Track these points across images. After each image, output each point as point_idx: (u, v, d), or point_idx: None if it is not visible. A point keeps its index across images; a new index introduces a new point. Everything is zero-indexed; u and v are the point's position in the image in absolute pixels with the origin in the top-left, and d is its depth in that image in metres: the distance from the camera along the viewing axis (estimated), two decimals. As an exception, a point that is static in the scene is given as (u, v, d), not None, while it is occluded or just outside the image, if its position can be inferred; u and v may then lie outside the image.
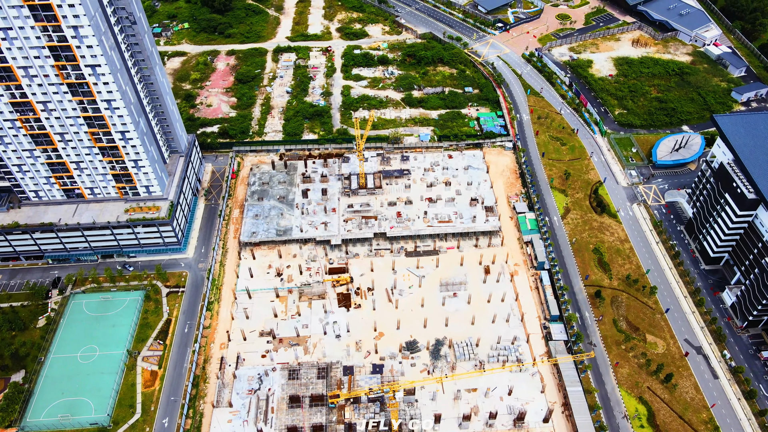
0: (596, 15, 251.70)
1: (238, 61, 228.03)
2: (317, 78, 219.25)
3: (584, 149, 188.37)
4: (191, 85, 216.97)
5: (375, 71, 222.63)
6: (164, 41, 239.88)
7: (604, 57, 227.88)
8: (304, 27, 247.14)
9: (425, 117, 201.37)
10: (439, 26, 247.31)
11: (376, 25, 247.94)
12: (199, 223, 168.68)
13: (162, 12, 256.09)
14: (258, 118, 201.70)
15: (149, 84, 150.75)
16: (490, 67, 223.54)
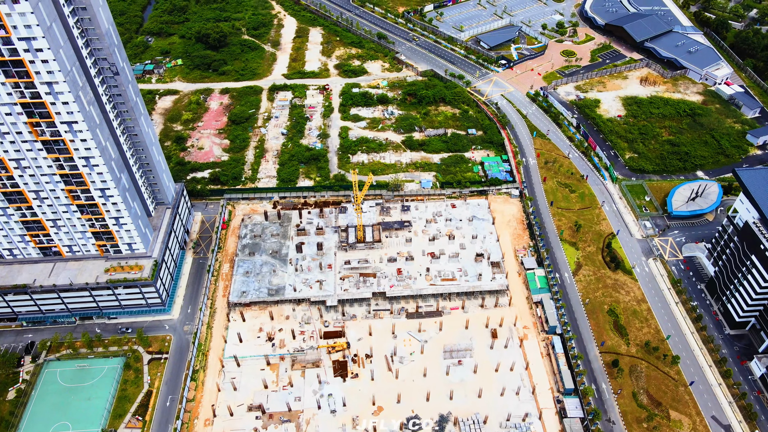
0: (602, 51, 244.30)
1: (232, 100, 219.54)
2: (314, 118, 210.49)
3: (594, 197, 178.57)
4: (182, 125, 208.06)
5: (374, 111, 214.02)
6: (156, 78, 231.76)
7: (612, 96, 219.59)
8: (301, 64, 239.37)
9: (427, 161, 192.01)
10: (441, 63, 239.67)
11: (375, 62, 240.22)
12: (186, 279, 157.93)
13: (155, 48, 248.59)
14: (251, 162, 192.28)
15: (133, 135, 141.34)
16: (494, 106, 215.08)
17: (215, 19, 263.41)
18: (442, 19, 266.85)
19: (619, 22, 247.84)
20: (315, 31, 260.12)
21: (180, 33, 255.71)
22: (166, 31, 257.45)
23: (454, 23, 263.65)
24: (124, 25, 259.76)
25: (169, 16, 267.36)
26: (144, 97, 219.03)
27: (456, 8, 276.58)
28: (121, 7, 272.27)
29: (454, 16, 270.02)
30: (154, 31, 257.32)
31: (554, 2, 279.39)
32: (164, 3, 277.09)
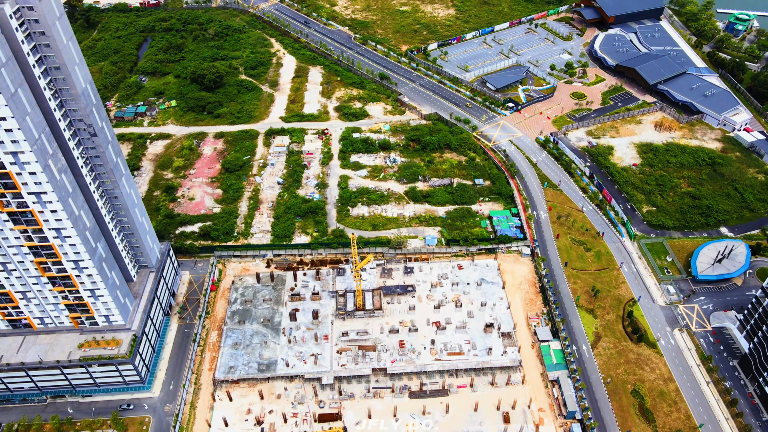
0: (613, 94, 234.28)
1: (227, 145, 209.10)
2: (312, 166, 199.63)
3: (612, 257, 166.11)
4: (173, 173, 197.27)
5: (376, 158, 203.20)
6: (149, 121, 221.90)
7: (626, 142, 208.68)
8: (300, 105, 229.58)
9: (431, 215, 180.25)
10: (445, 105, 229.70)
11: (377, 104, 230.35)
12: (169, 350, 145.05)
13: (149, 88, 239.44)
14: (245, 215, 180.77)
15: (113, 198, 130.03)
16: (502, 153, 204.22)
17: (212, 58, 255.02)
18: (447, 58, 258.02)
19: (631, 63, 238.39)
20: (315, 71, 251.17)
21: (175, 72, 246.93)
22: (161, 71, 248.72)
23: (459, 63, 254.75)
24: (118, 64, 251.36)
25: (164, 54, 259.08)
26: (134, 141, 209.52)
27: (461, 47, 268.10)
28: (116, 45, 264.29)
29: (458, 55, 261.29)
30: (149, 71, 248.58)
31: (562, 41, 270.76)
32: (160, 41, 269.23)
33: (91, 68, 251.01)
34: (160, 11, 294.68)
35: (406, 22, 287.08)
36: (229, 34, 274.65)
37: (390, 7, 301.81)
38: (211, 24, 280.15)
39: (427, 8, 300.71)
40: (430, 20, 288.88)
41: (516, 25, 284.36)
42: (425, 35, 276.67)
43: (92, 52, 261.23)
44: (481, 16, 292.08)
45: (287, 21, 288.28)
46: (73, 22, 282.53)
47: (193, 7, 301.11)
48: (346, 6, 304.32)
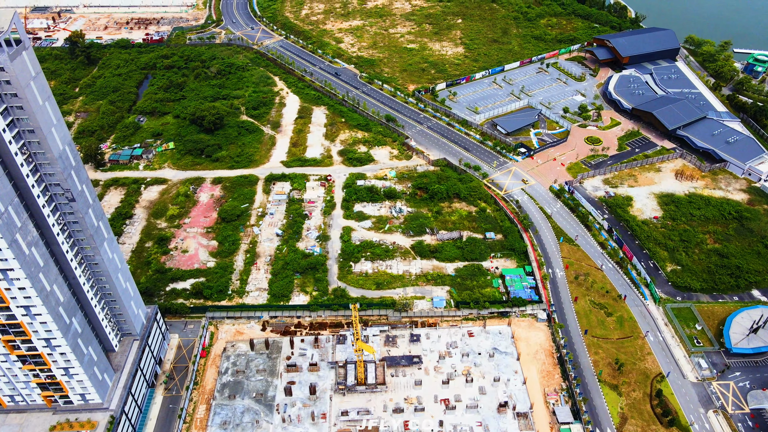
0: (630, 139, 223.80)
1: (225, 192, 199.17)
2: (313, 216, 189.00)
3: (636, 323, 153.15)
4: (167, 222, 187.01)
5: (381, 208, 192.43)
6: (144, 165, 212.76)
7: (645, 192, 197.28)
8: (302, 149, 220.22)
9: (439, 272, 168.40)
10: (454, 149, 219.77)
11: (383, 148, 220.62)
12: (152, 427, 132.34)
13: (147, 129, 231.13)
14: (240, 271, 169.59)
15: (93, 265, 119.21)
16: (514, 203, 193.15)
17: (213, 97, 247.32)
18: (456, 99, 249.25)
19: (648, 107, 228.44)
20: (319, 111, 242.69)
21: (175, 112, 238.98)
22: (160, 110, 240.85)
23: (469, 104, 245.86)
24: (116, 103, 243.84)
25: (164, 93, 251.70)
26: (129, 187, 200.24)
27: (470, 86, 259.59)
28: (116, 83, 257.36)
29: (468, 95, 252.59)
30: (147, 111, 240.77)
31: (575, 82, 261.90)
32: (161, 79, 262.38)
33: (89, 107, 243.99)
34: (162, 48, 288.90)
35: (414, 60, 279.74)
36: (231, 72, 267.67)
37: (397, 45, 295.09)
38: (214, 61, 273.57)
39: (435, 46, 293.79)
40: (439, 58, 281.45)
41: (527, 65, 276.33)
42: (433, 74, 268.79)
43: (90, 90, 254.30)
44: (490, 54, 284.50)
45: (292, 58, 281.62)
46: (74, 59, 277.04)
47: (197, 44, 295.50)
48: (352, 43, 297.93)
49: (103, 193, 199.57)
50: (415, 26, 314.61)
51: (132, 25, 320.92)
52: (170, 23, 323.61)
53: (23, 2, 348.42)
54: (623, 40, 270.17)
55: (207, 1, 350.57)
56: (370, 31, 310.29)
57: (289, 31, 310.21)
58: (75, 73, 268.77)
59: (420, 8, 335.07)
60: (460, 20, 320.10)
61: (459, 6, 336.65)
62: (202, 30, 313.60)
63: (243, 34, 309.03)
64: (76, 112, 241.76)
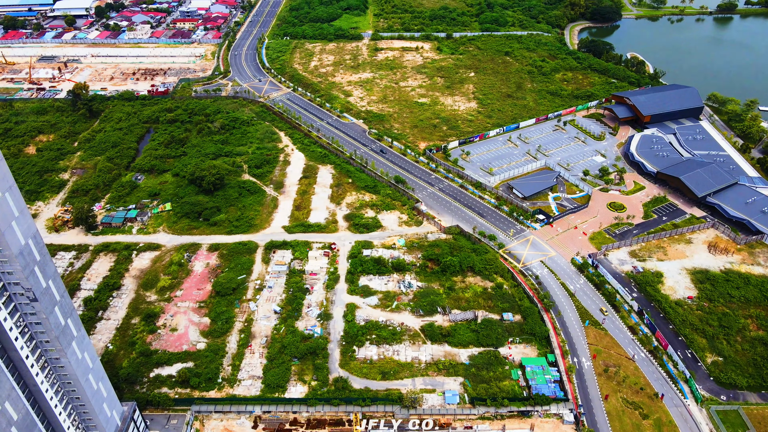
0: (657, 205, 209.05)
1: (221, 261, 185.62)
2: (315, 290, 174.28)
3: (677, 429, 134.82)
4: (158, 295, 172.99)
5: (388, 282, 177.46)
6: (138, 228, 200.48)
7: (676, 267, 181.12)
8: (306, 213, 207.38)
9: (452, 360, 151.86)
10: (468, 215, 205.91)
11: (391, 213, 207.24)
12: None
13: (144, 188, 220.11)
14: (233, 354, 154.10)
15: (59, 368, 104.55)
16: (533, 278, 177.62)
17: (215, 154, 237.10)
18: (469, 158, 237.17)
19: (674, 171, 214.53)
20: (325, 171, 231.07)
21: (175, 170, 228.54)
22: (159, 168, 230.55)
23: (483, 164, 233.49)
24: (114, 160, 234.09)
25: (165, 149, 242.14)
26: (119, 253, 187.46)
27: (484, 145, 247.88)
28: (116, 138, 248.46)
29: (482, 154, 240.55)
30: (146, 168, 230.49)
31: (594, 141, 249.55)
32: (163, 133, 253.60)
33: (86, 163, 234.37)
34: (167, 100, 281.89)
35: (425, 115, 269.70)
36: (236, 127, 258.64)
37: (408, 99, 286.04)
38: (218, 116, 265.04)
39: (447, 100, 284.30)
40: (451, 114, 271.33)
41: (543, 122, 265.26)
42: (445, 131, 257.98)
43: (89, 145, 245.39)
44: (504, 110, 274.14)
45: (298, 113, 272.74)
46: (75, 112, 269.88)
47: (202, 96, 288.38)
48: (361, 96, 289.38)
49: (92, 259, 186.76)
50: (426, 79, 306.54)
51: (138, 76, 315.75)
52: (177, 74, 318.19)
53: (32, 52, 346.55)
54: (644, 98, 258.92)
55: (216, 52, 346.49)
56: (380, 84, 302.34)
57: (297, 84, 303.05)
58: (75, 127, 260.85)
59: (432, 61, 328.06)
60: (473, 74, 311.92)
61: (471, 59, 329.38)
62: (209, 82, 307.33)
63: (250, 86, 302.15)
64: (72, 169, 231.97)
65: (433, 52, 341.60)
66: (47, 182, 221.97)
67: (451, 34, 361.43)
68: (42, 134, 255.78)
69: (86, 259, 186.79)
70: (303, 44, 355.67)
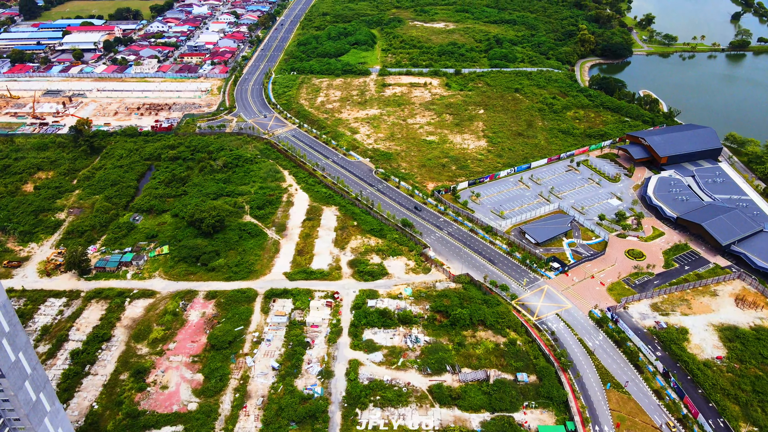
0: (678, 253, 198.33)
1: (218, 310, 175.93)
2: (316, 344, 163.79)
3: None
4: (149, 347, 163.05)
5: (394, 335, 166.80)
6: (133, 273, 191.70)
7: (702, 323, 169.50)
8: (309, 258, 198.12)
9: (462, 426, 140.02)
10: (478, 262, 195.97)
11: (398, 258, 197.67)
12: None
13: (142, 230, 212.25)
14: (226, 417, 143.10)
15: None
16: (548, 333, 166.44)
17: (217, 194, 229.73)
18: (479, 200, 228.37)
19: (695, 217, 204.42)
20: (329, 212, 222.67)
21: (174, 210, 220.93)
22: (159, 208, 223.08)
23: (493, 206, 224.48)
24: (113, 199, 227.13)
25: (165, 188, 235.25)
26: (112, 301, 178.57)
27: (494, 186, 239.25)
28: (116, 176, 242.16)
29: (492, 196, 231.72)
30: (144, 208, 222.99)
31: (609, 182, 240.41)
32: (164, 171, 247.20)
33: (84, 202, 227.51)
34: (170, 136, 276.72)
35: (433, 154, 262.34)
36: (239, 165, 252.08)
37: (416, 137, 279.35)
38: (221, 153, 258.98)
39: (456, 138, 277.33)
40: (460, 153, 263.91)
41: (555, 162, 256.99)
42: (454, 170, 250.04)
43: (88, 183, 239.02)
44: (515, 149, 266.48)
45: (303, 150, 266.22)
46: (76, 148, 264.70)
47: (206, 133, 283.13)
48: (368, 134, 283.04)
49: (82, 307, 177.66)
50: (435, 116, 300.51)
51: (143, 111, 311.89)
52: (182, 109, 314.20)
53: (37, 86, 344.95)
54: (659, 139, 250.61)
55: (222, 87, 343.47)
56: (387, 120, 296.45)
57: (303, 120, 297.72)
58: (75, 164, 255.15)
59: (440, 97, 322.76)
60: (482, 111, 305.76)
61: (481, 95, 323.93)
62: (214, 117, 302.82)
63: (255, 122, 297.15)
64: (69, 208, 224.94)
65: (441, 88, 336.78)
66: (42, 222, 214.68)
67: (460, 70, 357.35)
68: (41, 171, 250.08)
69: (77, 307, 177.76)
70: (310, 79, 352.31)
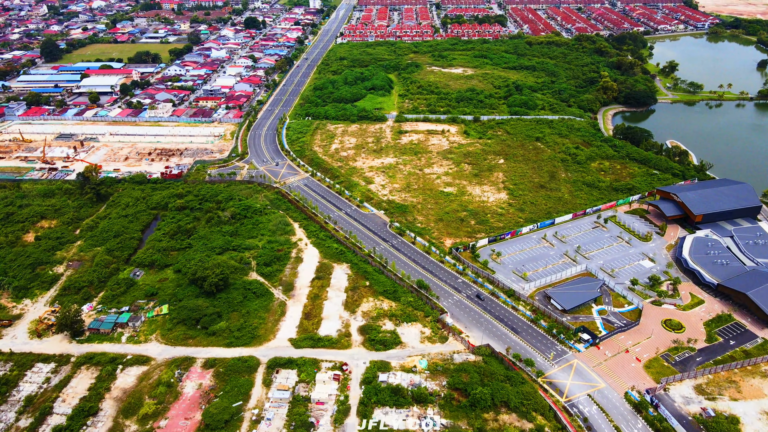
0: (721, 325, 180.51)
1: (216, 381, 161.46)
2: (321, 425, 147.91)
3: None
4: (138, 424, 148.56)
5: (407, 417, 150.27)
6: (128, 335, 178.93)
7: (755, 411, 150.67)
8: (316, 322, 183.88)
9: None
10: (500, 330, 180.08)
11: (412, 325, 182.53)
12: None
13: (141, 286, 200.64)
14: None
15: None
16: (580, 418, 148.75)
17: (223, 248, 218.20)
18: (500, 259, 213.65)
19: (738, 285, 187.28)
20: (340, 270, 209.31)
21: (177, 265, 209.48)
22: (162, 262, 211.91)
23: (515, 266, 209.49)
24: (114, 252, 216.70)
25: (170, 240, 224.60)
26: (102, 368, 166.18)
27: (516, 243, 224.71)
28: (119, 226, 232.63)
29: (513, 255, 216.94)
30: (146, 263, 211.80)
31: (639, 241, 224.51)
32: (170, 222, 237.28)
33: (84, 254, 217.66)
34: (179, 184, 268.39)
35: (451, 207, 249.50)
36: (247, 216, 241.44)
37: (433, 188, 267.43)
38: (230, 203, 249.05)
39: (475, 190, 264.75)
40: (479, 206, 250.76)
41: (580, 217, 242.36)
42: (473, 225, 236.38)
43: (91, 234, 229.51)
44: (537, 203, 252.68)
45: (315, 202, 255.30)
46: (82, 196, 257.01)
47: (216, 180, 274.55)
48: (383, 184, 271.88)
49: (71, 374, 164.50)
50: (453, 166, 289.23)
51: (154, 156, 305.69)
52: (194, 155, 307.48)
53: (51, 129, 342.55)
54: (693, 195, 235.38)
55: (235, 132, 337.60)
56: (403, 170, 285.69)
57: (316, 168, 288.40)
58: (80, 212, 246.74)
59: (458, 145, 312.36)
60: (502, 161, 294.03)
61: (500, 144, 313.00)
62: (225, 164, 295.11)
63: (267, 169, 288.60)
64: (68, 261, 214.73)
65: (459, 135, 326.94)
66: (39, 277, 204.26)
67: (479, 117, 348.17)
68: (45, 219, 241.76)
69: (65, 374, 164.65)
70: (325, 125, 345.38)
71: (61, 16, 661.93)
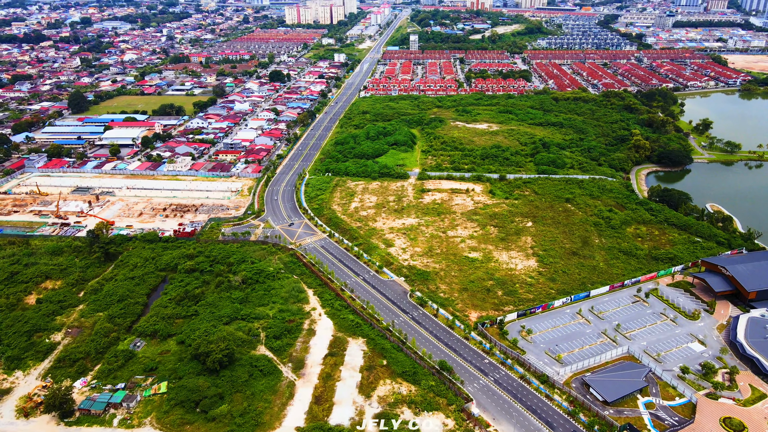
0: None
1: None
2: None
3: None
4: None
5: None
6: (121, 418, 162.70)
7: None
8: (327, 407, 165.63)
9: None
10: (533, 424, 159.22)
11: (434, 415, 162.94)
12: None
13: (141, 359, 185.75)
14: None
15: None
16: None
17: (230, 317, 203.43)
18: (530, 337, 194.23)
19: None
20: (355, 346, 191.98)
21: (181, 336, 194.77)
22: (164, 332, 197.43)
23: (548, 345, 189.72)
24: (116, 319, 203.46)
25: (176, 306, 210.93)
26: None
27: (547, 318, 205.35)
28: (124, 290, 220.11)
29: (545, 332, 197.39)
30: (148, 332, 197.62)
31: (686, 320, 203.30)
32: (178, 286, 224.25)
33: (85, 320, 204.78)
34: (191, 243, 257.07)
35: (476, 275, 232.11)
36: (259, 281, 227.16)
37: (457, 252, 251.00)
38: (242, 266, 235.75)
39: (502, 256, 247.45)
40: (506, 274, 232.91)
41: (618, 290, 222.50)
42: (500, 296, 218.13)
43: (94, 298, 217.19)
44: (570, 272, 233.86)
45: (331, 266, 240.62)
46: (90, 255, 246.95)
47: (229, 240, 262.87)
48: (404, 248, 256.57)
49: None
50: (478, 228, 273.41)
51: (168, 212, 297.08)
52: (209, 211, 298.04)
53: (69, 182, 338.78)
54: (744, 268, 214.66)
55: (253, 188, 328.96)
56: (425, 232, 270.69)
57: (334, 228, 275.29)
58: (87, 272, 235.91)
59: (484, 206, 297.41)
60: (531, 223, 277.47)
61: (528, 205, 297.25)
62: (240, 222, 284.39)
63: (282, 228, 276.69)
64: (67, 328, 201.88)
65: (485, 195, 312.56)
66: (34, 346, 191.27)
67: (505, 176, 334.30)
68: (49, 280, 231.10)
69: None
70: (345, 182, 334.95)
71: (92, 68, 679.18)
